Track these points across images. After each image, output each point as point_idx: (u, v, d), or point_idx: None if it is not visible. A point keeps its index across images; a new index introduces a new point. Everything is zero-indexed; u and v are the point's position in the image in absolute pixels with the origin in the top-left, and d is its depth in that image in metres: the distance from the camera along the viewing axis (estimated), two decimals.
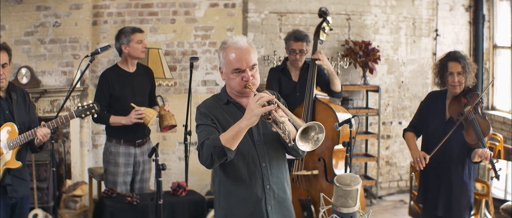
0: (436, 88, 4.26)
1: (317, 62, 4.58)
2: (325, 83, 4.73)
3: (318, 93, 4.67)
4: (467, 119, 3.88)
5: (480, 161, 3.87)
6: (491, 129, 3.93)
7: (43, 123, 3.69)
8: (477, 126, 3.85)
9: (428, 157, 3.94)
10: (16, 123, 3.66)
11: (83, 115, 3.81)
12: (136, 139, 4.67)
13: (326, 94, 4.75)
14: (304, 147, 2.39)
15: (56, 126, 3.73)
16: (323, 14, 4.69)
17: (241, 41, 2.65)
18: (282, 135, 2.49)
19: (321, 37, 4.70)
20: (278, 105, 2.49)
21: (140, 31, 4.61)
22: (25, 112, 3.79)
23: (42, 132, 3.61)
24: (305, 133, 2.37)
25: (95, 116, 3.87)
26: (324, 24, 4.70)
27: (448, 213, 4.02)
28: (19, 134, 3.64)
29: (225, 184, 2.73)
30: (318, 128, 2.38)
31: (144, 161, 4.76)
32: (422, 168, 3.96)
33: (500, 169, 3.86)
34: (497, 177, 3.83)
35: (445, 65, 4.02)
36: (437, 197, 4.06)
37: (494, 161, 3.87)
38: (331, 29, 4.79)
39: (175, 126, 4.78)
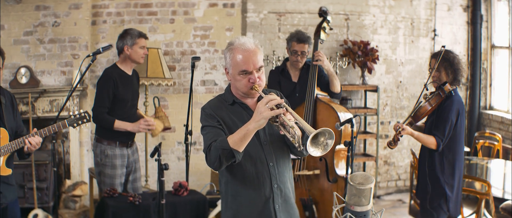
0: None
1: (318, 62, 4.59)
2: (325, 84, 4.74)
3: (319, 93, 4.68)
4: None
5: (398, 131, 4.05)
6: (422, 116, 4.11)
7: (35, 129, 3.57)
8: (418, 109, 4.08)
9: (401, 123, 4.04)
10: (6, 128, 3.51)
11: (75, 124, 3.74)
12: (129, 140, 4.64)
13: (326, 94, 4.77)
14: (315, 152, 2.40)
15: (48, 134, 3.61)
16: (323, 13, 4.72)
17: (248, 43, 2.66)
18: (291, 139, 2.51)
19: (322, 37, 4.71)
20: (286, 109, 2.50)
21: (146, 37, 4.55)
22: (13, 116, 3.64)
23: (34, 141, 3.48)
24: (314, 138, 2.39)
25: (87, 125, 3.81)
26: (325, 23, 4.72)
27: (422, 201, 4.16)
28: (10, 140, 3.50)
29: (232, 185, 2.74)
30: (328, 134, 2.40)
31: (135, 160, 4.74)
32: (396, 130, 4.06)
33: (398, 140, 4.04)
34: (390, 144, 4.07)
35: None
36: (421, 187, 4.20)
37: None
38: (331, 29, 4.81)
39: (169, 128, 4.78)
